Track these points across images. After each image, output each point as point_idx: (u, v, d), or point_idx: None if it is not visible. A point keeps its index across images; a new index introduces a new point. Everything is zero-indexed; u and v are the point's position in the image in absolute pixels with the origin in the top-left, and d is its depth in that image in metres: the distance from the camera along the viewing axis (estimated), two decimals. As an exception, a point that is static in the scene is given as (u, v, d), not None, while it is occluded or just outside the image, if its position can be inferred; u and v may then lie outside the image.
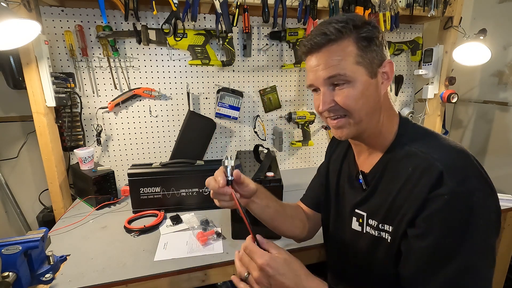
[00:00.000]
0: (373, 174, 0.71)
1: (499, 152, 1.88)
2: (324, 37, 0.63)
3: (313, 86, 0.69)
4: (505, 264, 1.36)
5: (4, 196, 1.54)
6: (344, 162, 0.84)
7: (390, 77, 0.67)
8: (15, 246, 0.76)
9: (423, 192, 0.57)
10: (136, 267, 0.90)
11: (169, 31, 1.28)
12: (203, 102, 1.58)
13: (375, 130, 0.69)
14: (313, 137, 1.80)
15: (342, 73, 0.62)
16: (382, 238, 0.67)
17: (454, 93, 1.70)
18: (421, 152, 0.62)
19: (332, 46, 0.63)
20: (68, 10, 1.31)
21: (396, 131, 0.70)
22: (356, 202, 0.73)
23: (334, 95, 0.65)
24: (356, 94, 0.63)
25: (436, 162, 0.58)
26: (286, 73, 1.67)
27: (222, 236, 1.04)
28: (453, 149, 0.61)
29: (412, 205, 0.59)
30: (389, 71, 0.67)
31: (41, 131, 1.24)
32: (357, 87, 0.63)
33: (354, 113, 0.65)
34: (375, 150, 0.72)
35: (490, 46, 1.51)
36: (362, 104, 0.64)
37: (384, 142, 0.70)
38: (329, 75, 0.63)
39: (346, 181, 0.80)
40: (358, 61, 0.63)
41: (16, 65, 1.24)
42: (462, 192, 0.55)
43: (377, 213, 0.68)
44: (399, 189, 0.63)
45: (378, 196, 0.69)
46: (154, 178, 1.20)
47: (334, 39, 0.63)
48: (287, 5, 1.38)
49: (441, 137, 0.66)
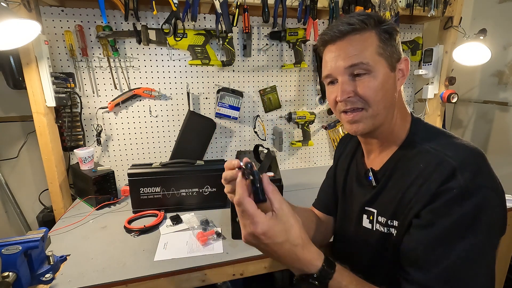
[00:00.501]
0: (384, 171, 0.70)
1: (499, 152, 1.88)
2: (348, 26, 0.63)
3: (330, 77, 0.68)
4: (505, 264, 1.36)
5: (4, 196, 1.54)
6: (352, 162, 0.84)
7: (406, 75, 0.68)
8: (15, 246, 0.76)
9: (433, 186, 0.58)
10: (136, 267, 0.89)
11: (169, 31, 1.28)
12: (203, 102, 1.58)
13: (389, 127, 0.69)
14: (313, 137, 1.80)
15: (365, 62, 0.62)
16: (390, 234, 0.67)
17: (454, 93, 1.70)
18: (433, 150, 0.62)
19: (356, 35, 0.64)
20: (68, 10, 1.31)
21: (408, 129, 0.70)
22: (366, 200, 0.73)
23: (354, 85, 0.64)
24: (377, 85, 0.63)
25: (449, 159, 0.58)
26: (286, 73, 1.67)
27: (222, 236, 1.04)
28: (466, 147, 0.61)
29: (421, 198, 0.59)
30: (405, 68, 0.68)
31: (41, 131, 1.24)
32: (378, 77, 0.63)
33: (373, 105, 0.64)
34: (386, 148, 0.71)
35: (490, 46, 1.51)
36: (381, 96, 0.64)
37: (396, 140, 0.70)
38: (351, 63, 0.63)
39: (354, 180, 0.80)
40: (380, 52, 0.64)
41: (16, 65, 1.24)
42: (471, 187, 0.55)
43: (387, 210, 0.68)
44: (409, 184, 0.63)
45: (388, 193, 0.69)
46: (154, 178, 1.20)
47: (358, 29, 0.63)
48: (287, 5, 1.38)
49: (454, 136, 0.66)
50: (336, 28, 0.64)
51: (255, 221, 0.50)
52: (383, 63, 0.64)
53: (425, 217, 0.58)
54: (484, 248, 0.55)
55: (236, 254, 0.95)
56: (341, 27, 0.64)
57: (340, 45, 0.65)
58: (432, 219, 0.57)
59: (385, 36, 0.64)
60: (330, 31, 0.66)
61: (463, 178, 0.55)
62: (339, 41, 0.65)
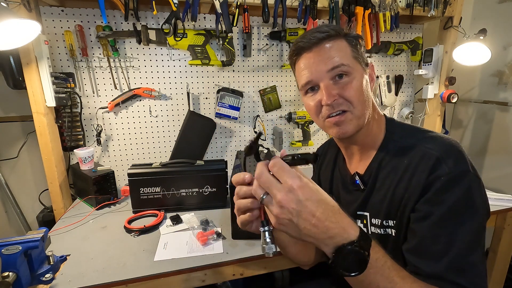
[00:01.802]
0: (369, 173, 0.71)
1: (499, 152, 1.88)
2: (321, 34, 0.66)
3: (311, 83, 0.68)
4: (505, 264, 1.36)
5: (4, 196, 1.54)
6: (334, 170, 0.85)
7: (374, 79, 0.73)
8: (15, 246, 0.76)
9: (422, 178, 0.60)
10: (136, 267, 0.89)
11: (169, 31, 1.28)
12: (203, 102, 1.58)
13: (367, 130, 0.71)
14: (313, 137, 1.80)
15: (346, 63, 0.65)
16: (388, 234, 0.67)
17: (454, 93, 1.70)
18: (413, 145, 0.65)
19: (329, 42, 0.66)
20: (68, 10, 1.31)
21: (384, 129, 0.73)
22: (357, 205, 0.73)
23: (338, 88, 0.65)
24: (358, 86, 0.66)
25: (430, 150, 0.61)
26: (286, 73, 1.67)
27: (222, 236, 1.04)
28: (442, 138, 0.65)
29: (413, 192, 0.61)
30: (372, 73, 0.73)
31: (41, 131, 1.24)
32: (358, 79, 0.66)
33: (358, 106, 0.66)
34: (367, 150, 0.73)
35: (490, 46, 1.51)
36: (363, 97, 0.66)
37: (376, 141, 0.72)
38: (332, 66, 0.64)
39: (340, 187, 0.80)
40: (354, 56, 0.67)
41: (16, 65, 1.24)
42: (457, 173, 0.58)
43: (379, 211, 0.68)
44: (398, 181, 0.64)
45: (377, 193, 0.69)
46: (154, 178, 1.20)
47: (332, 35, 0.66)
48: (287, 5, 1.38)
49: (428, 131, 0.69)
50: (311, 35, 0.66)
51: (293, 175, 0.45)
52: (359, 66, 0.67)
53: (421, 209, 0.59)
54: (480, 228, 0.58)
55: (236, 254, 0.95)
56: (315, 34, 0.66)
57: (317, 51, 0.66)
58: (428, 209, 0.58)
59: (354, 42, 0.68)
60: (304, 39, 0.67)
61: (447, 166, 0.58)
62: (315, 47, 0.66)
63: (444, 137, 0.65)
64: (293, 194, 0.44)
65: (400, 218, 0.64)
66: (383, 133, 0.72)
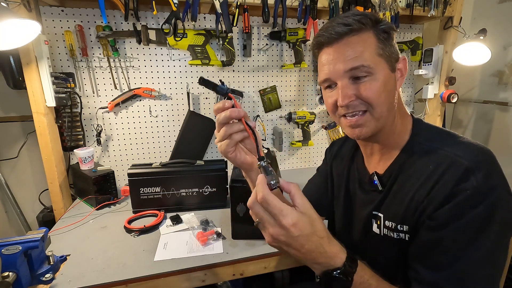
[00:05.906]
0: (389, 175, 0.68)
1: (499, 152, 1.86)
2: (345, 27, 0.60)
3: (328, 81, 0.64)
4: (505, 264, 1.36)
5: (4, 196, 1.54)
6: (351, 167, 0.81)
7: (404, 74, 0.67)
8: (15, 246, 0.76)
9: (446, 187, 0.56)
10: (136, 267, 0.89)
11: (169, 31, 1.28)
12: (203, 102, 1.58)
13: (391, 129, 0.67)
14: (313, 137, 1.80)
15: (366, 64, 0.59)
16: (401, 239, 0.65)
17: (454, 93, 1.70)
18: (441, 150, 0.60)
19: (353, 37, 0.60)
20: (68, 10, 1.31)
21: (410, 130, 0.68)
22: (374, 205, 0.70)
23: (356, 88, 0.61)
24: (379, 87, 0.61)
25: (460, 159, 0.57)
26: (286, 73, 1.67)
27: (222, 236, 1.04)
28: (475, 146, 0.60)
29: (433, 200, 0.57)
30: (403, 68, 0.66)
31: (41, 131, 1.24)
32: (379, 79, 0.61)
33: (377, 108, 0.61)
34: (389, 150, 0.69)
35: (490, 46, 1.51)
36: (384, 98, 0.62)
37: (399, 141, 0.68)
38: (351, 66, 0.60)
39: (357, 187, 0.77)
40: (379, 53, 0.61)
41: (16, 65, 1.24)
42: (485, 188, 0.54)
43: (395, 215, 0.65)
44: (419, 187, 0.61)
45: (394, 196, 0.66)
46: (154, 178, 1.20)
47: (356, 29, 0.60)
48: (287, 5, 1.37)
49: (458, 135, 0.64)
50: (333, 30, 0.61)
51: (284, 213, 0.48)
52: (383, 64, 0.62)
53: (438, 218, 0.56)
54: (495, 249, 0.55)
55: (236, 254, 0.95)
56: (337, 28, 0.60)
57: (337, 47, 0.61)
58: (445, 220, 0.55)
59: (383, 36, 0.61)
60: (325, 33, 0.62)
61: (476, 179, 0.54)
62: (336, 43, 0.61)
63: (478, 145, 0.60)
64: (285, 231, 0.48)
65: (415, 224, 0.61)
66: (408, 133, 0.68)
